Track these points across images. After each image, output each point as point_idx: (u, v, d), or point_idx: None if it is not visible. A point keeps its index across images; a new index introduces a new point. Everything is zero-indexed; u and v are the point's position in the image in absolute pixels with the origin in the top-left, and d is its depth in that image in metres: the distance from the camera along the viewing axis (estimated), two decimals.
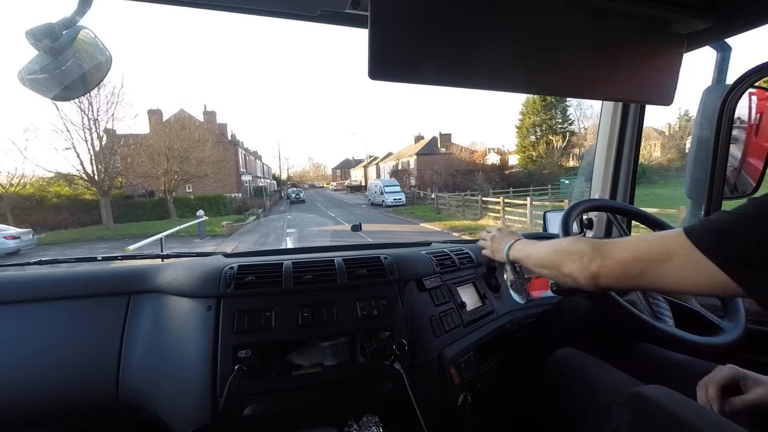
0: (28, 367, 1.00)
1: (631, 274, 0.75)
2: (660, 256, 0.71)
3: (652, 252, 0.72)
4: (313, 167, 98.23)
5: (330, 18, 1.08)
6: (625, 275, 0.76)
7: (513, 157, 38.09)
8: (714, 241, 0.65)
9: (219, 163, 27.88)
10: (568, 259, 0.86)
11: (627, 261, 0.75)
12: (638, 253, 0.74)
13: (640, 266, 0.74)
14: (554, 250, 0.93)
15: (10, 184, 19.29)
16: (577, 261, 0.83)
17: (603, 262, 0.78)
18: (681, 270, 0.68)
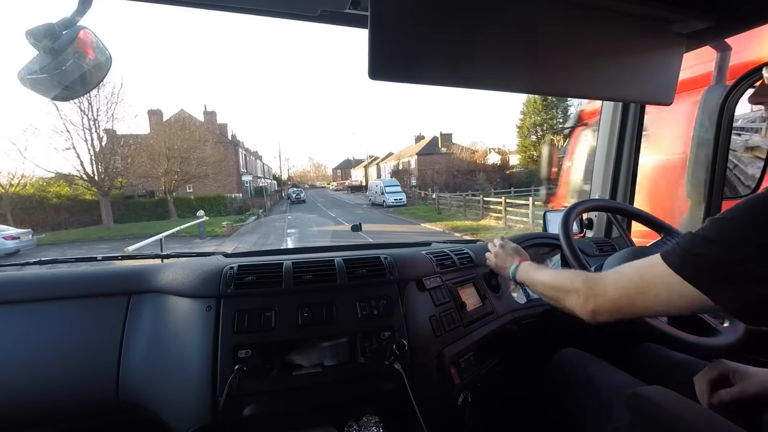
0: (28, 366, 1.00)
1: (623, 308, 0.80)
2: (643, 288, 0.76)
3: (635, 284, 0.77)
4: (313, 167, 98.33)
5: (330, 18, 1.08)
6: (618, 311, 0.81)
7: (514, 156, 38.10)
8: (687, 263, 0.69)
9: (219, 164, 27.93)
10: (566, 296, 0.91)
11: (617, 298, 0.80)
12: (624, 289, 0.79)
13: (629, 300, 0.78)
14: (554, 285, 0.98)
15: (10, 185, 19.32)
16: (575, 299, 0.88)
17: (597, 302, 0.83)
18: (663, 296, 0.73)
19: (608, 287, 0.82)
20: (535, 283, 1.08)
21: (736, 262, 0.64)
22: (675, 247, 0.72)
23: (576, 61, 1.15)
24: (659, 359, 1.22)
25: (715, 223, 0.69)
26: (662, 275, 0.72)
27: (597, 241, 1.82)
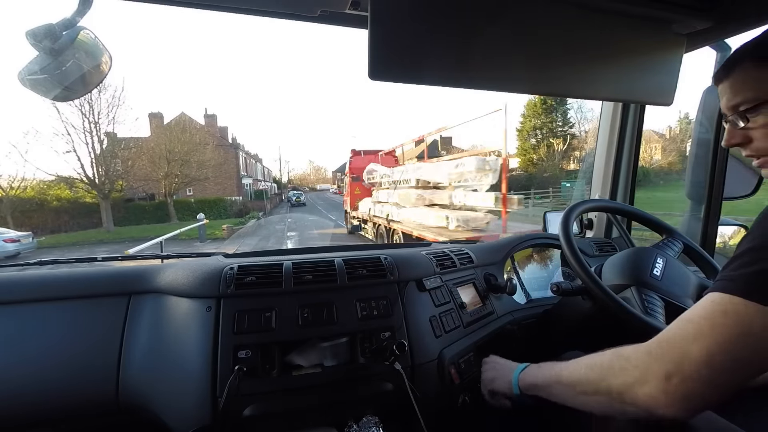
0: (28, 367, 0.99)
1: (721, 374, 0.59)
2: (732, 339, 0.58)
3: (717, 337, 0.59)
4: (313, 170, 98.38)
5: (330, 18, 1.08)
6: (717, 380, 0.59)
7: (514, 160, 38.11)
8: (753, 283, 0.58)
9: (219, 167, 28.01)
10: (625, 386, 0.68)
11: (708, 359, 0.59)
12: (708, 345, 0.59)
13: (726, 358, 0.59)
14: (594, 375, 0.76)
15: (10, 187, 19.35)
16: (644, 384, 0.64)
17: (684, 373, 0.60)
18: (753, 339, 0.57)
19: (689, 347, 0.61)
20: (561, 380, 0.84)
21: None
22: (726, 276, 0.62)
23: (576, 62, 1.15)
24: None
25: (748, 237, 0.62)
26: (734, 312, 0.58)
27: (597, 241, 1.82)
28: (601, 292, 1.05)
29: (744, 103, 0.73)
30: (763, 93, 0.70)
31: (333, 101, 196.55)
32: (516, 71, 1.11)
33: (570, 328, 1.34)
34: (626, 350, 0.70)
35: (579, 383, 0.78)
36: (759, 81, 0.71)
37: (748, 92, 0.72)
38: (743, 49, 0.74)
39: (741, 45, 0.75)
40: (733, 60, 0.75)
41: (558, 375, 0.85)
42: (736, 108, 0.74)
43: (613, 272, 1.18)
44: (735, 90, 0.74)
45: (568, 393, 0.82)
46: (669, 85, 1.25)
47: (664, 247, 1.23)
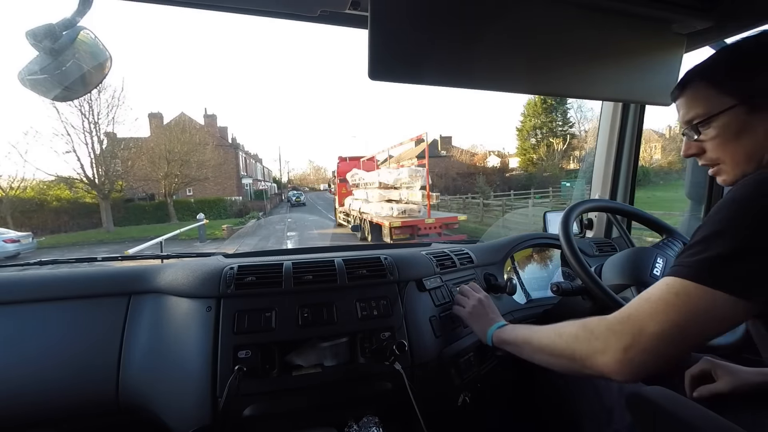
0: (28, 367, 0.99)
1: (671, 344, 0.67)
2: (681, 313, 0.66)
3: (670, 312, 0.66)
4: (313, 170, 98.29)
5: (330, 18, 1.08)
6: (664, 350, 0.67)
7: (514, 159, 38.14)
8: (704, 269, 0.65)
9: (219, 167, 28.03)
10: (587, 354, 0.75)
11: (662, 331, 0.67)
12: (665, 320, 0.66)
13: (676, 330, 0.66)
14: (562, 343, 0.82)
15: (10, 188, 19.35)
16: (603, 354, 0.72)
17: (640, 345, 0.68)
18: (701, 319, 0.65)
19: (645, 323, 0.68)
20: (531, 342, 0.91)
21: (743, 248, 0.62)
22: (680, 263, 0.68)
23: (576, 62, 1.15)
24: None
25: (702, 228, 0.68)
26: (685, 293, 0.65)
27: (597, 241, 1.82)
28: (601, 292, 1.05)
29: (696, 118, 0.80)
30: (711, 108, 0.78)
31: (333, 101, 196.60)
32: (516, 71, 1.12)
33: None
34: (591, 322, 0.77)
35: (548, 347, 0.86)
36: (708, 98, 0.79)
37: (699, 108, 0.80)
38: (694, 70, 0.83)
39: (693, 67, 0.84)
40: (685, 80, 0.84)
41: (529, 337, 0.92)
42: (690, 122, 0.82)
43: (613, 272, 1.18)
44: (688, 106, 0.83)
45: (536, 353, 0.90)
46: (669, 85, 1.24)
47: (664, 247, 1.23)
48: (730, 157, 0.79)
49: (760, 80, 0.74)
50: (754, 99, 0.74)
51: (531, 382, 1.35)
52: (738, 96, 0.75)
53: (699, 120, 0.80)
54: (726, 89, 0.77)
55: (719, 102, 0.77)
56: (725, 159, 0.80)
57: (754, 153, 0.76)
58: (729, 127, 0.77)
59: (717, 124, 0.78)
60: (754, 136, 0.75)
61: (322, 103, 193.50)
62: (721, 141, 0.79)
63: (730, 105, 0.75)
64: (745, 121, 0.75)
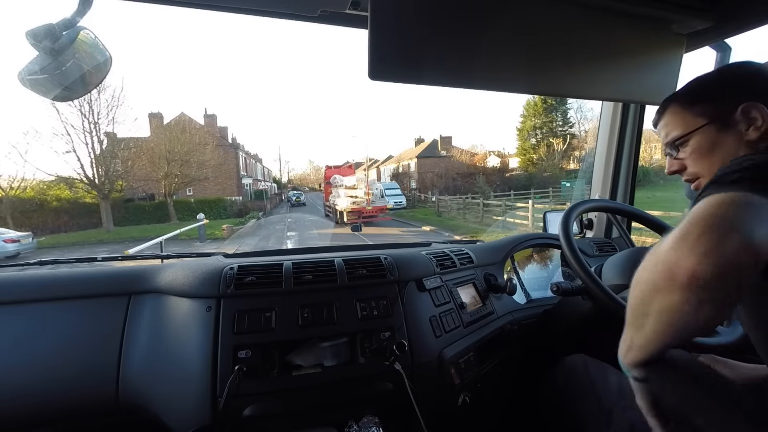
0: (28, 367, 0.99)
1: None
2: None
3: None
4: (313, 170, 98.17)
5: (330, 18, 1.08)
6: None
7: (514, 159, 38.11)
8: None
9: (219, 167, 27.99)
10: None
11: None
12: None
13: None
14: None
15: (10, 188, 19.34)
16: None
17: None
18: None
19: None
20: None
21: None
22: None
23: (576, 62, 1.15)
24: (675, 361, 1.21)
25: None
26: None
27: (597, 241, 1.82)
28: (601, 292, 1.05)
29: (675, 138, 0.93)
30: (687, 128, 0.90)
31: (333, 101, 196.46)
32: (516, 71, 1.12)
33: (570, 328, 1.34)
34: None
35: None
36: (683, 120, 0.92)
37: (677, 129, 0.92)
38: (670, 97, 0.96)
39: (670, 95, 0.97)
40: (663, 106, 0.97)
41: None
42: (671, 143, 0.94)
43: (613, 272, 1.18)
44: (668, 129, 0.95)
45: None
46: (669, 85, 1.25)
47: None
48: (707, 169, 0.89)
49: (723, 104, 0.86)
50: (721, 119, 0.86)
51: (531, 382, 1.35)
52: (708, 116, 0.88)
53: (677, 139, 0.92)
54: (698, 111, 0.90)
55: (693, 122, 0.90)
56: (703, 172, 0.90)
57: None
58: (703, 143, 0.89)
59: (693, 141, 0.90)
60: (726, 150, 0.86)
61: (322, 103, 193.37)
62: (697, 156, 0.90)
63: (702, 124, 0.88)
64: (716, 137, 0.87)
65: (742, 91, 0.86)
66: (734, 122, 0.85)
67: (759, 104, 0.83)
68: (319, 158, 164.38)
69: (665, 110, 0.96)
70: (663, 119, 0.97)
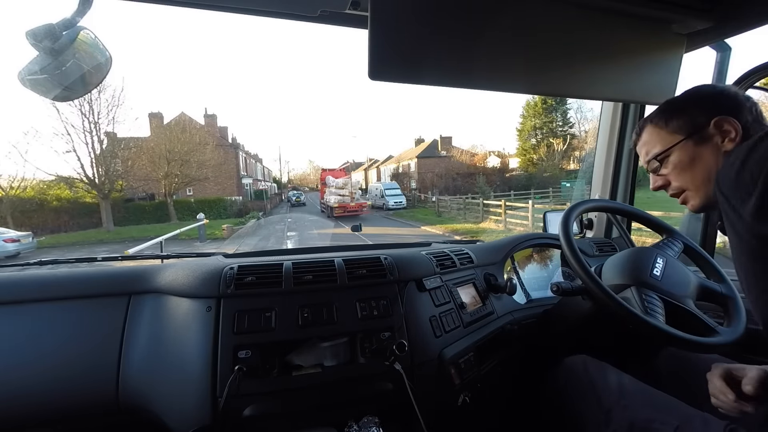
0: (28, 367, 0.99)
1: None
2: None
3: None
4: (313, 170, 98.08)
5: (330, 18, 1.08)
6: None
7: (514, 160, 38.11)
8: None
9: (219, 166, 28.01)
10: None
11: None
12: None
13: None
14: None
15: (10, 187, 19.34)
16: None
17: None
18: None
19: None
20: None
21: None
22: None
23: (576, 62, 1.15)
24: (681, 361, 1.21)
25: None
26: None
27: (597, 241, 1.82)
28: (601, 292, 1.05)
29: (656, 156, 0.98)
30: (665, 145, 0.96)
31: (333, 101, 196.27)
32: (516, 71, 1.12)
33: (570, 328, 1.34)
34: None
35: None
36: (661, 138, 0.98)
37: (656, 147, 0.98)
38: (648, 117, 1.02)
39: (645, 117, 1.03)
40: (641, 126, 1.03)
41: None
42: (651, 160, 0.99)
43: (613, 272, 1.18)
44: (647, 148, 1.01)
45: None
46: (669, 85, 1.25)
47: (664, 247, 1.23)
48: (690, 182, 0.95)
49: (696, 119, 0.92)
50: (696, 133, 0.92)
51: (531, 382, 1.35)
52: (684, 131, 0.93)
53: (658, 155, 0.97)
54: (673, 128, 0.95)
55: (670, 138, 0.95)
56: (687, 185, 0.95)
57: (709, 176, 0.90)
58: (683, 158, 0.94)
59: (673, 157, 0.95)
60: (705, 162, 0.91)
61: (322, 103, 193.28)
62: (679, 170, 0.95)
63: (680, 140, 0.94)
64: (694, 150, 0.92)
65: (710, 106, 0.91)
66: (709, 135, 0.90)
67: (729, 117, 0.88)
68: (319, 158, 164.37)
69: (642, 130, 1.02)
70: (641, 139, 1.03)
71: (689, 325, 1.06)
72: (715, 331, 1.04)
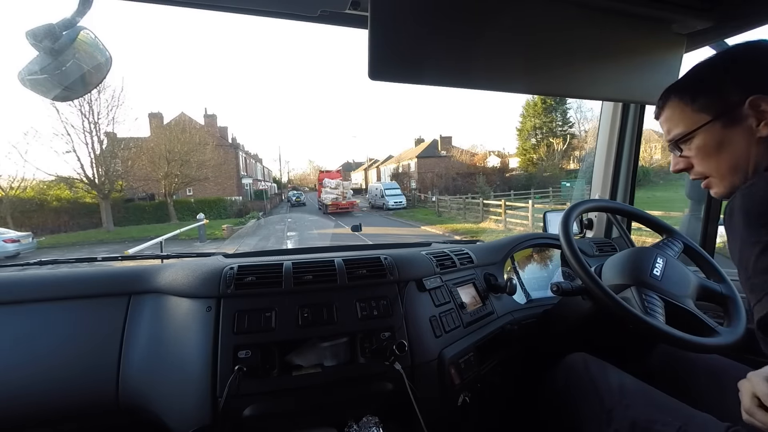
0: (28, 367, 0.99)
1: None
2: None
3: None
4: (313, 170, 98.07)
5: (330, 18, 1.08)
6: None
7: (514, 159, 38.09)
8: None
9: (219, 167, 28.02)
10: None
11: None
12: None
13: None
14: None
15: (10, 188, 19.34)
16: None
17: None
18: None
19: None
20: None
21: None
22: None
23: (576, 62, 1.15)
24: (676, 361, 1.21)
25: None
26: None
27: (597, 241, 1.82)
28: (601, 292, 1.05)
29: (677, 137, 0.85)
30: (689, 126, 0.82)
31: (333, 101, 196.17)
32: (516, 71, 1.12)
33: (570, 328, 1.34)
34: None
35: None
36: (685, 117, 0.83)
37: (679, 127, 0.84)
38: (670, 89, 0.87)
39: (670, 85, 0.88)
40: (663, 99, 0.88)
41: None
42: (673, 140, 0.86)
43: (613, 272, 1.18)
44: (668, 125, 0.87)
45: None
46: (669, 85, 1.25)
47: (664, 247, 1.23)
48: (715, 169, 0.82)
49: (728, 97, 0.77)
50: (727, 114, 0.77)
51: (531, 382, 1.35)
52: (712, 112, 0.79)
53: (679, 138, 0.84)
54: (700, 106, 0.80)
55: (696, 119, 0.81)
56: (711, 172, 0.83)
57: (737, 165, 0.79)
58: (709, 142, 0.80)
59: (697, 139, 0.82)
60: (734, 148, 0.78)
61: (322, 103, 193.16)
62: (703, 156, 0.82)
63: (706, 121, 0.79)
64: (722, 134, 0.78)
65: (749, 80, 0.76)
66: (742, 117, 0.76)
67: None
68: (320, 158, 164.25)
69: (665, 105, 0.88)
70: (663, 114, 0.89)
71: (689, 325, 1.06)
72: (715, 331, 1.04)
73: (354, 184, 65.25)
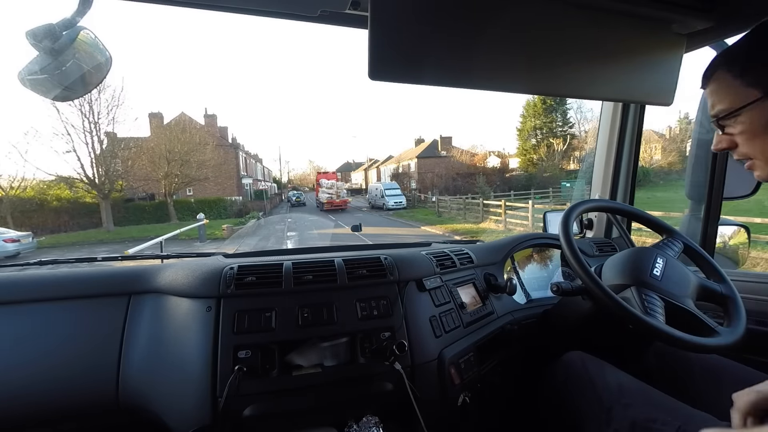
0: (28, 367, 0.99)
1: None
2: None
3: None
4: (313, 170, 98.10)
5: (330, 18, 1.08)
6: None
7: (514, 160, 38.10)
8: None
9: (219, 167, 28.04)
10: None
11: None
12: None
13: None
14: None
15: (10, 187, 19.34)
16: None
17: None
18: None
19: None
20: None
21: None
22: None
23: (576, 62, 1.15)
24: (673, 359, 1.21)
25: None
26: None
27: (597, 241, 1.82)
28: (601, 292, 1.05)
29: (721, 112, 0.77)
30: (736, 102, 0.74)
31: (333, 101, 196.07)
32: (516, 71, 1.11)
33: (570, 328, 1.34)
34: None
35: None
36: (732, 91, 0.75)
37: (723, 102, 0.76)
38: (717, 59, 0.79)
39: (718, 54, 0.79)
40: (710, 69, 0.80)
41: None
42: (716, 116, 0.79)
43: (613, 272, 1.18)
44: (714, 99, 0.79)
45: None
46: (669, 85, 1.25)
47: (664, 247, 1.23)
48: (760, 152, 0.76)
49: None
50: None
51: (531, 382, 1.35)
52: (762, 88, 0.71)
53: (724, 114, 0.76)
54: (750, 81, 0.72)
55: (744, 95, 0.73)
56: (756, 154, 0.76)
57: None
58: (756, 121, 0.73)
59: (743, 118, 0.74)
60: None
61: (322, 103, 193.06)
62: (749, 136, 0.75)
63: (756, 98, 0.71)
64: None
65: None
66: None
67: None
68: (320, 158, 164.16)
69: (712, 75, 0.80)
70: (710, 86, 0.80)
71: (689, 325, 1.06)
72: (715, 331, 1.04)
73: (354, 184, 65.59)
